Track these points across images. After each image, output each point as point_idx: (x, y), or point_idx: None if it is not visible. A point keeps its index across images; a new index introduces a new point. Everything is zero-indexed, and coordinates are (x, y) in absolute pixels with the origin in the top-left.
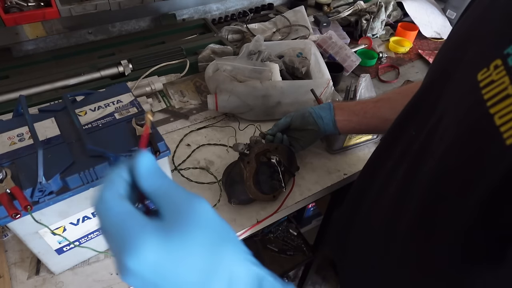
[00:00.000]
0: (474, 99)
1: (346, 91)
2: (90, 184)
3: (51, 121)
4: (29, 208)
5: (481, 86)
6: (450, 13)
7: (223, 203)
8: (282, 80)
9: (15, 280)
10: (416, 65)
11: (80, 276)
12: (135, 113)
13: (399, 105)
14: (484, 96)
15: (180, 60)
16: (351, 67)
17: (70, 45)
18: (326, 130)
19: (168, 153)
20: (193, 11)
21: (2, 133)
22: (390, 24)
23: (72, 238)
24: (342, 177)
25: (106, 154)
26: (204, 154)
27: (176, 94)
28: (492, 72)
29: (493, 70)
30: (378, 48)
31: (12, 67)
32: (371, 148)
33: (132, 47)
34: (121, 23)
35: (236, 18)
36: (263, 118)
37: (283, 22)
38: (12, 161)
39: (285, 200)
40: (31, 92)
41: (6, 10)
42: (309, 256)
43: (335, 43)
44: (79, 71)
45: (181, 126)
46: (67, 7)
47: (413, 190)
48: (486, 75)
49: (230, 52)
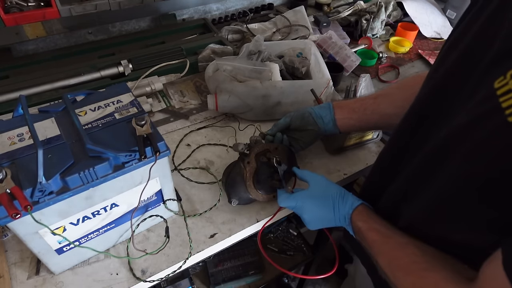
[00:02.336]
0: (492, 106)
1: (346, 91)
2: (90, 184)
3: (51, 121)
4: (29, 208)
5: (498, 94)
6: (450, 13)
7: (223, 203)
8: (282, 80)
9: (15, 280)
10: (416, 65)
11: (80, 276)
12: (135, 113)
13: (398, 100)
14: (502, 104)
15: (180, 60)
16: (351, 67)
17: (70, 45)
18: (326, 129)
19: (168, 153)
20: (193, 11)
21: (2, 133)
22: (390, 24)
23: (72, 238)
24: (342, 177)
25: (106, 154)
26: (204, 154)
27: (176, 94)
28: (509, 80)
29: (509, 78)
30: (378, 48)
31: (12, 67)
32: (371, 148)
33: (132, 47)
34: (121, 23)
35: (236, 18)
36: (263, 118)
37: (283, 22)
38: (12, 161)
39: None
40: (31, 92)
41: (6, 10)
42: (309, 256)
43: (335, 43)
44: (79, 71)
45: (181, 126)
46: (67, 7)
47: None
48: (503, 83)
49: (230, 52)
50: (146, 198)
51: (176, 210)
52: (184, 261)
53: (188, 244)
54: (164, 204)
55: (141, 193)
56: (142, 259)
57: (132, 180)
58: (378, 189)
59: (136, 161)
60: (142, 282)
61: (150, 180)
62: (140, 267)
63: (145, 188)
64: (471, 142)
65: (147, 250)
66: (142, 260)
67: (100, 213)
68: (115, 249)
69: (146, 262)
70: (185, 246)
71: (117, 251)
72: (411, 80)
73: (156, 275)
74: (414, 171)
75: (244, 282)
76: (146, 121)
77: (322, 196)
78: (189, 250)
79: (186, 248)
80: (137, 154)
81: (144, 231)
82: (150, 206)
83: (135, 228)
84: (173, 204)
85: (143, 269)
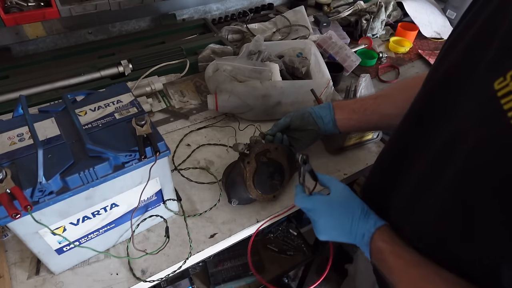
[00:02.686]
0: (494, 108)
1: (346, 91)
2: (90, 184)
3: (51, 121)
4: (29, 208)
5: (499, 96)
6: (450, 13)
7: (223, 203)
8: (282, 80)
9: (15, 280)
10: (416, 65)
11: (80, 276)
12: (135, 113)
13: (399, 100)
14: (503, 106)
15: (180, 60)
16: (351, 67)
17: (70, 45)
18: (326, 129)
19: (168, 153)
20: (193, 11)
21: (2, 133)
22: (390, 24)
23: (72, 238)
24: (342, 177)
25: (106, 154)
26: (204, 154)
27: (176, 94)
28: (509, 82)
29: (509, 80)
30: (378, 48)
31: (12, 67)
32: (371, 148)
33: (132, 47)
34: (121, 23)
35: (236, 18)
36: (263, 118)
37: (283, 22)
38: (12, 161)
39: None
40: (31, 92)
41: (6, 10)
42: (309, 256)
43: (335, 43)
44: (79, 71)
45: (181, 126)
46: (67, 7)
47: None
48: (503, 85)
49: (230, 52)
50: (146, 198)
51: (176, 210)
52: (184, 261)
53: (188, 244)
54: (164, 204)
55: (141, 193)
56: (142, 259)
57: (132, 180)
58: (378, 189)
59: (136, 161)
60: (142, 282)
61: (150, 180)
62: (140, 267)
63: (145, 188)
64: (472, 144)
65: (147, 250)
66: (142, 260)
67: (100, 213)
68: (115, 249)
69: (146, 262)
70: (185, 246)
71: (117, 251)
72: (412, 81)
73: (156, 275)
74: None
75: (244, 282)
76: (146, 121)
77: (343, 206)
78: (189, 250)
79: (186, 248)
80: (137, 154)
81: (144, 231)
82: (150, 206)
83: (135, 228)
84: (173, 204)
85: (143, 269)
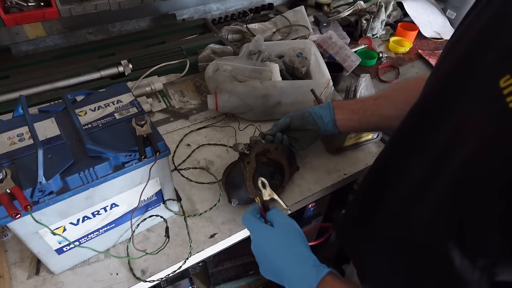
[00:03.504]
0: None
1: (346, 91)
2: (90, 184)
3: (51, 121)
4: (29, 208)
5: (505, 94)
6: (450, 13)
7: (223, 203)
8: (282, 80)
9: (15, 280)
10: (416, 65)
11: (80, 276)
12: (135, 113)
13: (399, 102)
14: (509, 104)
15: (180, 60)
16: (351, 67)
17: (70, 45)
18: (326, 130)
19: (168, 153)
20: (193, 11)
21: (2, 133)
22: (390, 24)
23: (72, 238)
24: (342, 177)
25: (106, 154)
26: (204, 154)
27: (176, 94)
28: None
29: None
30: (378, 48)
31: (12, 67)
32: (371, 148)
33: (132, 47)
34: (121, 23)
35: (236, 18)
36: (263, 118)
37: (283, 22)
38: (12, 161)
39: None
40: (31, 92)
41: (6, 10)
42: None
43: (335, 43)
44: (79, 71)
45: (181, 126)
46: (67, 7)
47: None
48: (509, 83)
49: (230, 52)
50: (146, 198)
51: (176, 210)
52: (184, 261)
53: (188, 244)
54: (164, 204)
55: (141, 193)
56: (142, 259)
57: (132, 180)
58: (375, 191)
59: (136, 161)
60: (142, 282)
61: (150, 180)
62: (140, 267)
63: (145, 188)
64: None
65: (147, 250)
66: (142, 260)
67: (100, 213)
68: (115, 249)
69: (146, 262)
70: (185, 246)
71: (117, 251)
72: (412, 82)
73: (156, 275)
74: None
75: (244, 282)
76: (146, 121)
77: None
78: (189, 250)
79: (186, 248)
80: (137, 154)
81: (144, 231)
82: (150, 206)
83: (135, 228)
84: (173, 204)
85: (143, 269)
